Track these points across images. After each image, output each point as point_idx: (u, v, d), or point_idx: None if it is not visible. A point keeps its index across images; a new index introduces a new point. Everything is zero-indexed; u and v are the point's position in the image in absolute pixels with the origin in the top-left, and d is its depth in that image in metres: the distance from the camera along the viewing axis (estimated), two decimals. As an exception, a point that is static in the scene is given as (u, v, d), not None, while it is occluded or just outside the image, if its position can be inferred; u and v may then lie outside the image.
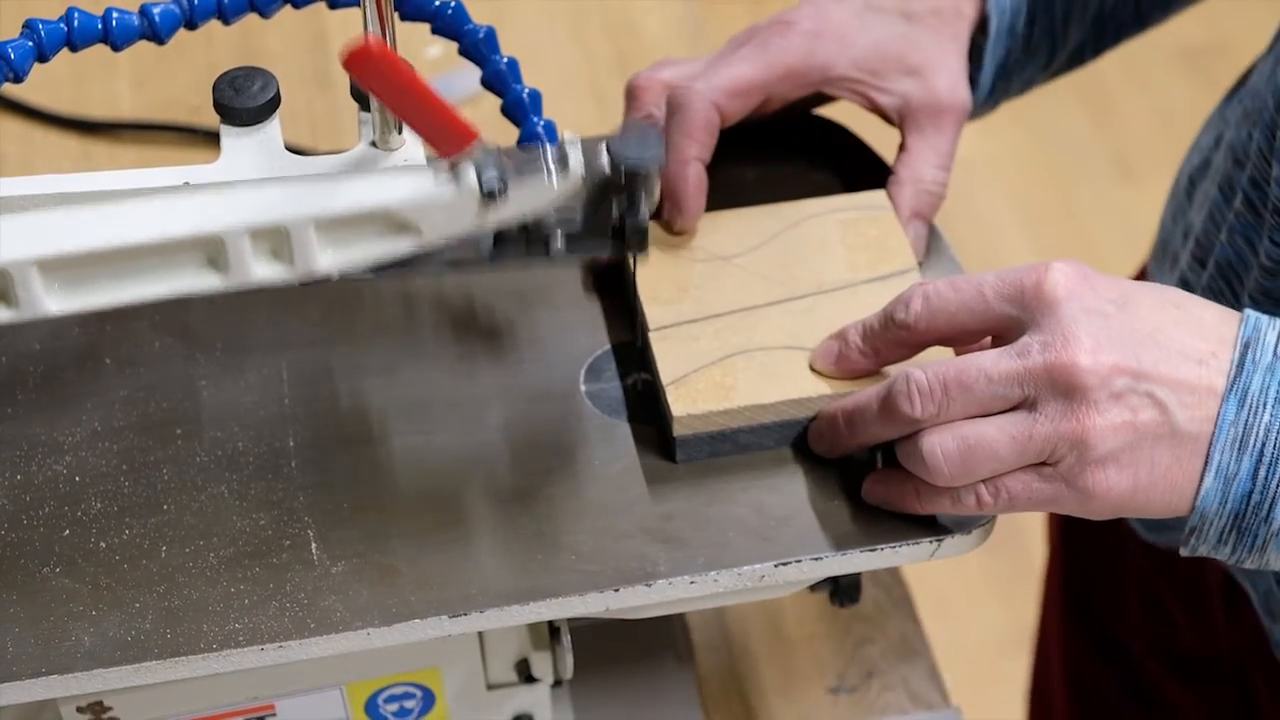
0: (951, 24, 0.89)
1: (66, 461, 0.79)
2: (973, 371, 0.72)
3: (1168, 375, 0.71)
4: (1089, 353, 0.70)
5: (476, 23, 0.75)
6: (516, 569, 0.74)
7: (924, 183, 0.86)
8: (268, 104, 0.73)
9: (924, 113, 0.87)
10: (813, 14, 0.88)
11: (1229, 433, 0.70)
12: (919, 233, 0.86)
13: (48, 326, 0.83)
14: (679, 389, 0.78)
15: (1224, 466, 0.71)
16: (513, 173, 0.70)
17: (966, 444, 0.72)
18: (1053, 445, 0.71)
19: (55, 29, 0.70)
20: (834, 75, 0.87)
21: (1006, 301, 0.73)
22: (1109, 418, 0.70)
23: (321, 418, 0.80)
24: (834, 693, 1.00)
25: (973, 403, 0.72)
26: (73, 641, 0.71)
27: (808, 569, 0.75)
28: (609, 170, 0.74)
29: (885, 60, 0.87)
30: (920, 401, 0.72)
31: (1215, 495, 0.71)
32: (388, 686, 0.82)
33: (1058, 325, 0.71)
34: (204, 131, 1.30)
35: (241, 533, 0.76)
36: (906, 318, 0.75)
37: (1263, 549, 0.72)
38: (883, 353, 0.77)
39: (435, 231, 0.71)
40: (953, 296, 0.74)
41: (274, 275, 0.70)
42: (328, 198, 0.69)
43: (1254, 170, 0.91)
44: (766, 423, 0.78)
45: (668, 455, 0.78)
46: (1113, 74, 2.44)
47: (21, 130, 1.31)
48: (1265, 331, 0.72)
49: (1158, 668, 1.14)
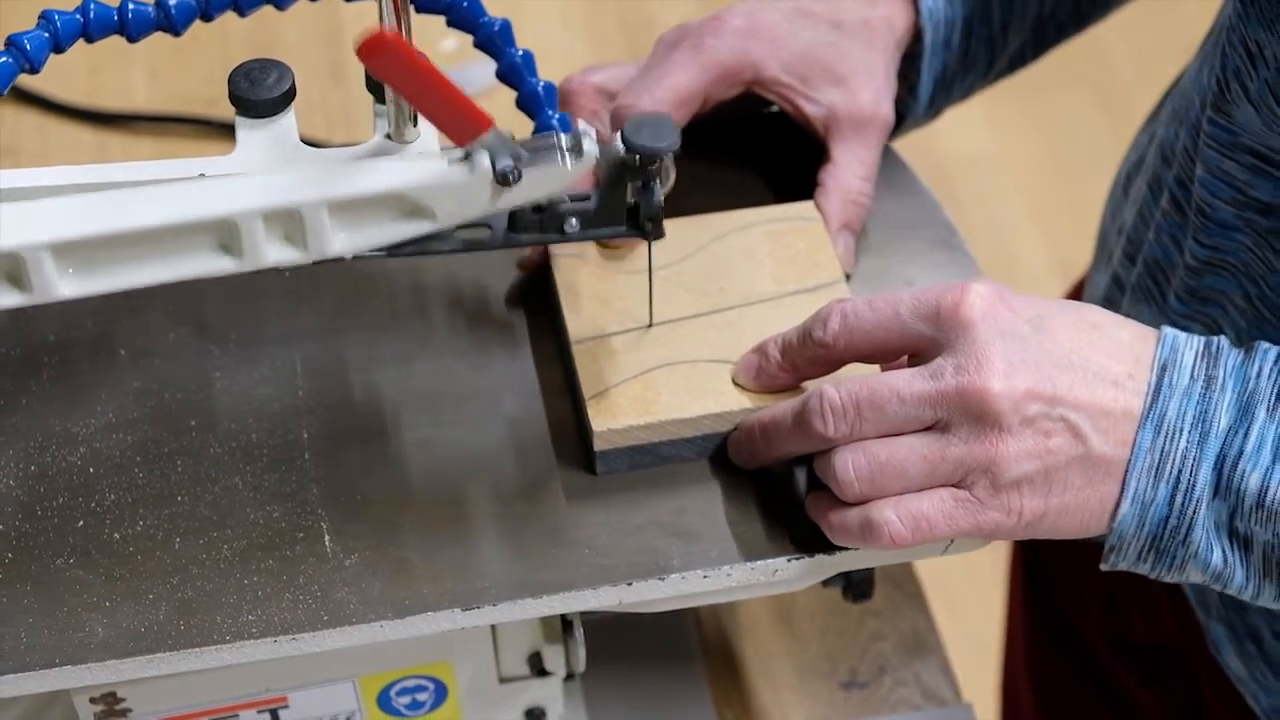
0: (881, 36, 0.89)
1: (81, 453, 0.79)
2: (885, 392, 0.72)
3: (1084, 400, 0.71)
4: (1002, 377, 0.70)
5: (492, 15, 0.75)
6: (529, 562, 0.74)
7: (851, 193, 0.86)
8: (283, 96, 0.73)
9: (849, 124, 0.87)
10: (745, 13, 0.87)
11: (1145, 460, 0.71)
12: (848, 244, 0.86)
13: (62, 318, 0.84)
14: (599, 402, 0.77)
15: (1140, 493, 0.71)
16: (526, 157, 0.70)
17: (877, 461, 0.72)
18: (965, 468, 0.71)
19: (71, 20, 0.70)
20: (765, 77, 0.87)
21: (923, 321, 0.73)
22: (1021, 443, 0.70)
23: (335, 410, 0.81)
24: (846, 688, 1.00)
25: (884, 422, 0.72)
26: (86, 632, 0.72)
27: (821, 564, 0.75)
28: (624, 153, 0.74)
29: (814, 67, 0.87)
30: (833, 420, 0.72)
31: (1132, 520, 0.71)
32: (400, 679, 0.82)
33: (971, 348, 0.71)
34: (219, 123, 1.30)
35: (255, 525, 0.76)
36: (824, 336, 0.75)
37: (1182, 567, 0.72)
38: (801, 369, 0.77)
39: (449, 215, 0.71)
40: (869, 316, 0.74)
41: (287, 258, 0.70)
42: (341, 181, 0.70)
43: (1179, 170, 0.91)
44: (688, 436, 0.77)
45: (588, 468, 0.78)
46: (1126, 69, 2.43)
47: (38, 122, 1.32)
48: (1182, 352, 0.72)
49: (1115, 659, 1.15)
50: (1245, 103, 0.82)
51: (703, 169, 0.88)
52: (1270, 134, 0.81)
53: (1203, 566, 0.72)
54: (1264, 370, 0.72)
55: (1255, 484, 0.70)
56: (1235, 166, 0.84)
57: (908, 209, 0.90)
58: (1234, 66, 0.82)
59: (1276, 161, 0.83)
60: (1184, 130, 0.91)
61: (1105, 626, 1.15)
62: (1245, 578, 0.72)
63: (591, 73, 0.88)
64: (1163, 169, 0.94)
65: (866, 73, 0.87)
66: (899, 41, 0.90)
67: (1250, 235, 0.86)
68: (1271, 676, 0.94)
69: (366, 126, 0.75)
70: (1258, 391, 0.71)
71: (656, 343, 0.80)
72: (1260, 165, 0.83)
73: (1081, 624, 1.17)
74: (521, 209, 0.74)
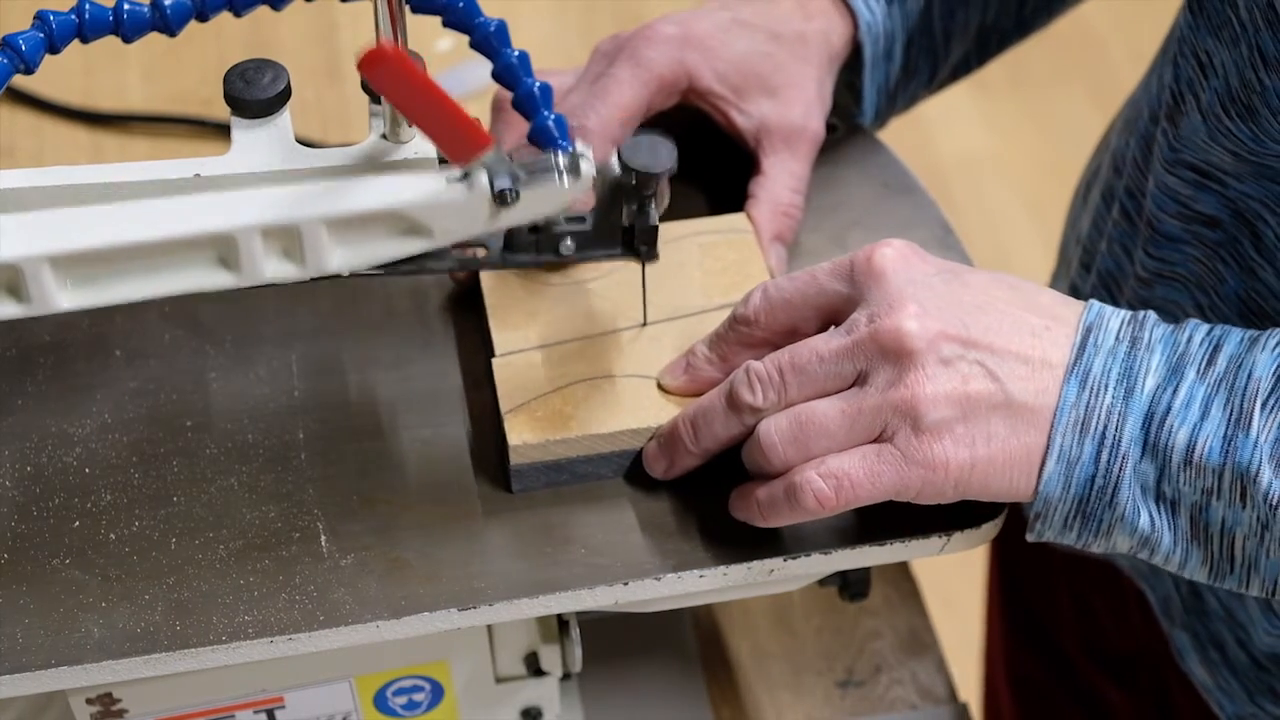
0: (816, 50, 0.89)
1: (76, 453, 0.79)
2: (805, 353, 0.72)
3: (1000, 345, 0.71)
4: (914, 318, 0.70)
5: (488, 16, 0.75)
6: (525, 562, 0.74)
7: (783, 205, 0.86)
8: (278, 96, 0.73)
9: (779, 136, 0.87)
10: (678, 21, 0.87)
11: (1070, 415, 0.70)
12: (780, 255, 0.86)
13: (58, 318, 0.83)
14: (516, 417, 0.76)
15: (1066, 450, 0.70)
16: (524, 177, 0.70)
17: (798, 421, 0.71)
18: (884, 416, 0.70)
19: (66, 20, 0.70)
20: (700, 86, 0.87)
21: (838, 280, 0.73)
22: (938, 384, 0.70)
23: (331, 410, 0.81)
24: (842, 687, 1.00)
25: (809, 384, 0.72)
26: (82, 633, 0.72)
27: (817, 563, 0.75)
28: (620, 174, 0.74)
29: (747, 78, 0.87)
30: (760, 388, 0.72)
31: (1058, 480, 0.70)
32: (397, 679, 0.82)
33: (884, 296, 0.71)
34: (215, 124, 1.30)
35: (251, 525, 0.76)
36: (746, 312, 0.75)
37: (1108, 533, 0.71)
38: (730, 358, 0.76)
39: (446, 233, 0.71)
40: (788, 285, 0.74)
41: (285, 274, 0.70)
42: (340, 198, 0.70)
43: (1129, 180, 0.91)
44: (604, 452, 0.77)
45: (504, 485, 0.77)
46: (1123, 68, 2.43)
47: (33, 122, 1.32)
48: (1108, 318, 0.72)
49: (1089, 664, 1.15)
50: (1195, 113, 0.82)
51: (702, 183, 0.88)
52: (1212, 147, 0.81)
53: (1130, 531, 0.71)
54: (1194, 338, 0.71)
55: (1183, 440, 0.69)
56: (1179, 182, 0.84)
57: (903, 208, 0.90)
58: (1186, 77, 0.82)
59: (1217, 176, 0.83)
60: (1134, 140, 0.91)
61: (1079, 631, 1.15)
62: (1173, 542, 0.71)
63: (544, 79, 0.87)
64: (1114, 179, 0.95)
65: (799, 86, 0.87)
66: (834, 55, 0.90)
67: (1199, 248, 0.86)
68: (1236, 684, 0.94)
69: (362, 126, 0.75)
70: (1188, 354, 0.71)
71: (579, 357, 0.79)
72: (1201, 180, 0.83)
73: (1056, 628, 1.18)
74: (518, 228, 0.74)
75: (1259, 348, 0.70)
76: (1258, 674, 0.92)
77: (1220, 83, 0.80)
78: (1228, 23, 0.79)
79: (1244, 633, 0.92)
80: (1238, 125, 0.79)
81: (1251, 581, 0.72)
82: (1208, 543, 0.71)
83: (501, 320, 0.81)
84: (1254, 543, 0.70)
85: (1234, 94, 0.79)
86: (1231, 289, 0.85)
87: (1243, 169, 0.81)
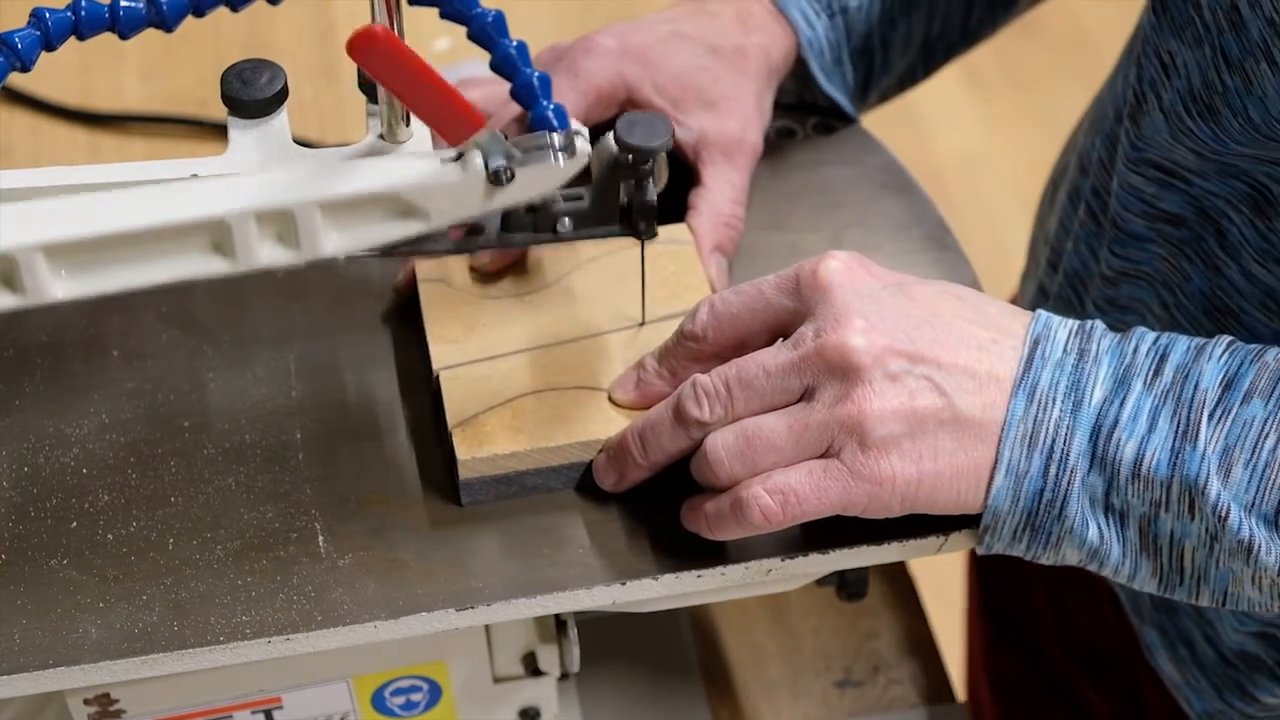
0: (755, 64, 0.89)
1: (74, 454, 0.79)
2: (752, 367, 0.72)
3: (947, 360, 0.70)
4: (860, 333, 0.70)
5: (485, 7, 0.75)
6: (523, 562, 0.74)
7: (723, 215, 0.86)
8: (275, 96, 0.73)
9: (718, 148, 0.87)
10: (617, 33, 0.87)
11: (1018, 429, 0.70)
12: (720, 265, 0.85)
13: (54, 319, 0.84)
14: (466, 431, 0.76)
15: (1014, 464, 0.70)
16: (519, 156, 0.70)
17: (745, 436, 0.71)
18: (831, 432, 0.70)
19: (62, 17, 0.70)
20: (638, 98, 0.87)
21: (785, 295, 0.73)
22: (885, 400, 0.69)
23: (329, 410, 0.80)
24: (840, 686, 1.00)
25: (755, 398, 0.71)
26: (80, 633, 0.71)
27: (814, 562, 0.75)
28: (616, 153, 0.74)
29: (686, 90, 0.87)
30: (707, 402, 0.72)
31: (1006, 493, 0.70)
32: (394, 679, 0.82)
33: (830, 310, 0.71)
34: (211, 124, 1.30)
35: (249, 525, 0.76)
36: (694, 328, 0.75)
37: (1057, 545, 0.71)
38: (679, 372, 0.76)
39: (442, 214, 0.71)
40: (735, 300, 0.74)
41: (280, 258, 0.70)
42: (334, 181, 0.69)
43: (1095, 180, 0.91)
44: (554, 465, 0.76)
45: (454, 498, 0.77)
46: (1120, 68, 2.43)
47: (30, 123, 1.32)
48: (1055, 329, 0.72)
49: (1066, 661, 1.15)
50: (1157, 112, 0.82)
51: None
52: (1174, 145, 0.81)
53: (1078, 543, 0.71)
54: (1141, 348, 0.71)
55: (1131, 453, 0.69)
56: (1143, 181, 0.85)
57: (900, 207, 0.90)
58: (1149, 78, 0.82)
59: (1180, 175, 0.83)
60: (1099, 140, 0.91)
61: (1055, 629, 1.15)
62: (1122, 554, 0.71)
63: (465, 88, 0.87)
64: (1080, 179, 0.95)
65: (737, 99, 0.87)
66: (774, 70, 0.90)
67: (1164, 246, 0.86)
68: (1204, 681, 0.94)
69: (359, 127, 0.75)
70: (1134, 366, 0.71)
71: (523, 369, 0.79)
72: (1165, 179, 0.83)
73: (1033, 626, 1.18)
74: (514, 208, 0.74)
75: (1205, 357, 0.70)
76: (1226, 670, 0.92)
77: (1182, 83, 0.80)
78: (1191, 23, 0.79)
79: (1212, 630, 0.92)
80: (1199, 125, 0.79)
81: (1202, 592, 0.72)
82: (1157, 554, 0.71)
83: (439, 334, 0.80)
84: (1203, 554, 0.70)
85: (1196, 94, 0.79)
86: (1197, 286, 0.85)
87: (1206, 167, 0.81)
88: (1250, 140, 0.78)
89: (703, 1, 0.91)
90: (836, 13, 0.91)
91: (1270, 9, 0.74)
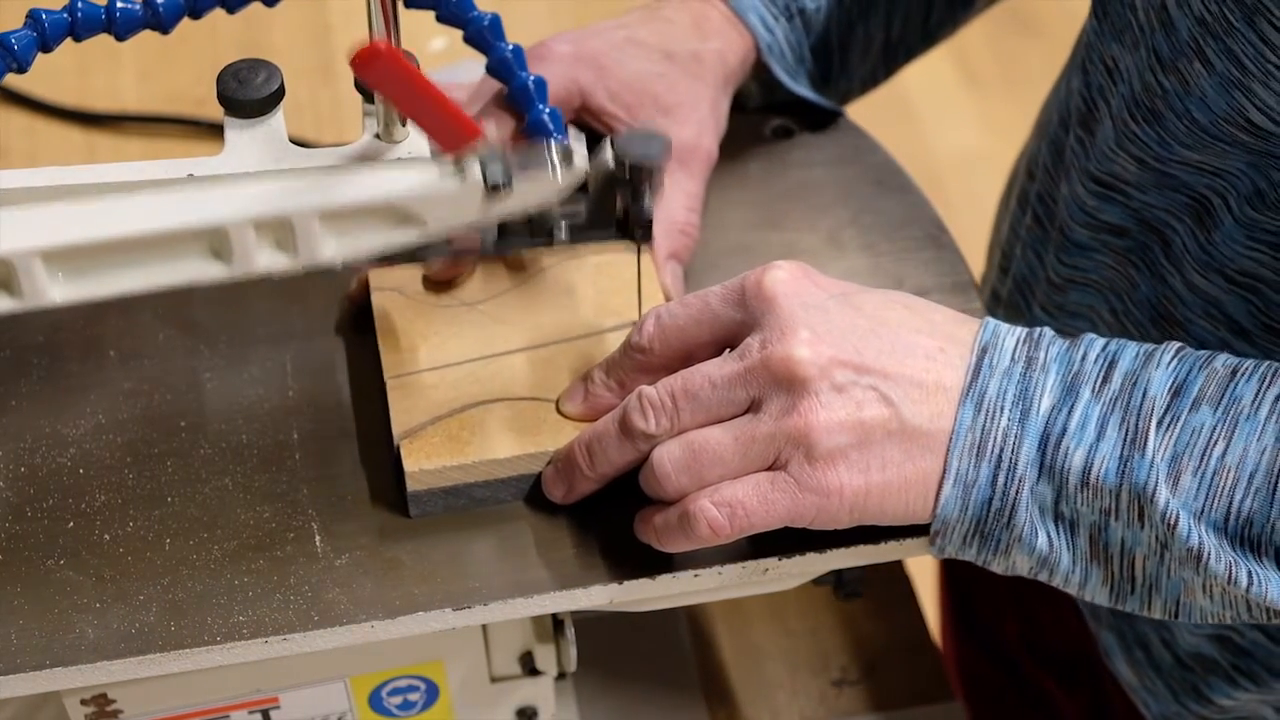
0: (711, 70, 0.88)
1: (71, 454, 0.79)
2: (698, 379, 0.71)
3: (894, 370, 0.70)
4: (806, 345, 0.69)
5: (481, 10, 0.75)
6: (520, 561, 0.74)
7: (678, 223, 0.85)
8: (272, 96, 0.73)
9: (673, 155, 0.85)
10: (571, 39, 0.86)
11: (966, 439, 0.69)
12: (675, 273, 0.85)
13: (51, 319, 0.83)
14: (413, 442, 0.76)
15: (962, 473, 0.69)
16: (517, 166, 0.70)
17: (691, 448, 0.71)
18: (778, 444, 0.70)
19: (59, 19, 0.70)
20: (592, 105, 0.86)
21: (731, 306, 0.72)
22: (832, 412, 0.69)
23: (325, 410, 0.80)
24: (837, 685, 1.00)
25: (701, 410, 0.71)
26: (77, 634, 0.71)
27: (811, 562, 0.75)
28: (613, 165, 0.74)
29: (641, 97, 0.86)
30: (652, 414, 0.72)
31: (955, 502, 0.70)
32: (391, 679, 0.82)
33: (776, 321, 0.70)
34: (208, 124, 1.30)
35: (245, 525, 0.76)
36: (641, 340, 0.74)
37: (1007, 552, 0.71)
38: (626, 384, 0.75)
39: (439, 223, 0.71)
40: (682, 312, 0.74)
41: (278, 264, 0.70)
42: (332, 189, 0.70)
43: (1041, 185, 0.91)
44: (502, 477, 0.76)
45: (401, 510, 0.76)
46: (1117, 67, 2.43)
47: (26, 123, 1.32)
48: (1004, 337, 0.71)
49: (1033, 663, 1.15)
50: (1108, 119, 0.82)
51: None
52: (1117, 155, 0.81)
53: (1028, 551, 0.70)
54: (1089, 355, 0.71)
55: (1080, 461, 0.69)
56: (1085, 193, 0.84)
57: (897, 207, 0.90)
58: (1098, 84, 0.82)
59: (1119, 188, 0.82)
60: (1044, 145, 0.91)
61: (1021, 631, 1.15)
62: (1072, 562, 0.71)
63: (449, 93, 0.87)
64: (1027, 183, 0.95)
65: (692, 105, 0.87)
66: (730, 75, 0.89)
67: (1109, 255, 0.86)
68: (1160, 684, 0.93)
69: (355, 126, 0.75)
70: (1082, 373, 0.70)
71: (473, 380, 0.78)
72: (1104, 192, 0.83)
73: (1000, 628, 1.18)
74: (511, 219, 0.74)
75: (1154, 364, 0.70)
76: (1182, 673, 0.92)
77: (1126, 88, 0.79)
78: (1128, 26, 0.79)
79: (1168, 632, 0.92)
80: (1144, 130, 0.79)
81: (1154, 603, 0.71)
82: (1108, 563, 0.71)
83: (391, 343, 0.80)
84: (1154, 562, 0.70)
85: (1138, 98, 0.79)
86: (1144, 294, 0.85)
87: (1145, 178, 0.81)
88: (1196, 143, 0.77)
89: (658, 7, 0.90)
90: (795, 14, 0.91)
91: (1200, 7, 0.73)
